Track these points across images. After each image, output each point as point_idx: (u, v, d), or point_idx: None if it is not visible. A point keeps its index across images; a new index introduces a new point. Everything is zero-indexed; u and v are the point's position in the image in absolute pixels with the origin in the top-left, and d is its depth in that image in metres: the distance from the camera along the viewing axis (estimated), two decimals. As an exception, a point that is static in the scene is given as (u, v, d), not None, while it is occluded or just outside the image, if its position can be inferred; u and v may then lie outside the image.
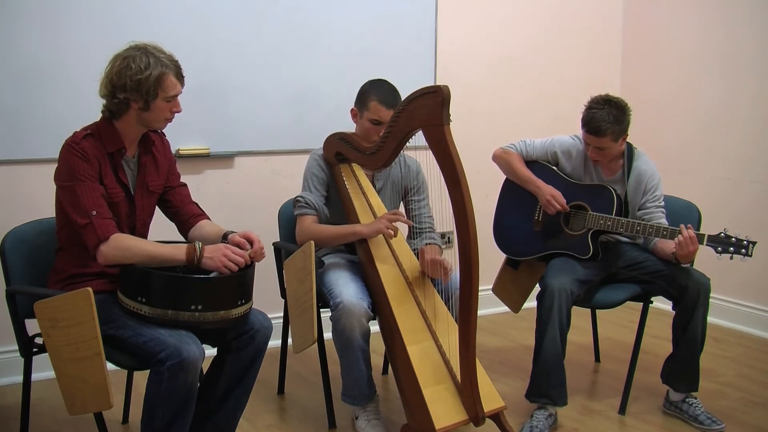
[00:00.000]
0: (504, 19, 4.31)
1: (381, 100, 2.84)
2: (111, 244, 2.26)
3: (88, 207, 2.27)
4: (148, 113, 2.35)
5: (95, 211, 2.27)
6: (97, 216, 2.27)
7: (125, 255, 2.27)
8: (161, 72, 2.30)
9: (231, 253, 2.33)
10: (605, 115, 2.92)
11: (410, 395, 2.55)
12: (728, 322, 4.16)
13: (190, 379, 2.21)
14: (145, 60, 2.29)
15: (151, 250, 2.30)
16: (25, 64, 3.17)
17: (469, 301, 2.39)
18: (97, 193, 2.29)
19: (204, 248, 2.32)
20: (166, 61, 2.33)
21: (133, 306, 2.27)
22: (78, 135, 2.33)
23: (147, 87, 2.29)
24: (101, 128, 2.38)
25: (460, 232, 2.34)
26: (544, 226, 3.17)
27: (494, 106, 4.31)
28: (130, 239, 2.32)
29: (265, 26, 3.63)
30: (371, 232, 2.77)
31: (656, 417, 3.06)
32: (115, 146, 2.37)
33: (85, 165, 2.29)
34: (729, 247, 2.74)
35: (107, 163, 2.36)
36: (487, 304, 3.51)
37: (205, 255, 2.31)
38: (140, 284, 2.27)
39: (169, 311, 2.24)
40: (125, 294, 2.30)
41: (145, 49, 2.33)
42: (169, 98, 2.35)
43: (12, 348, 2.69)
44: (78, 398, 2.19)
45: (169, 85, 2.33)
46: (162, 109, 2.36)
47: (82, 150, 2.29)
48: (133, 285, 2.28)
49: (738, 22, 4.09)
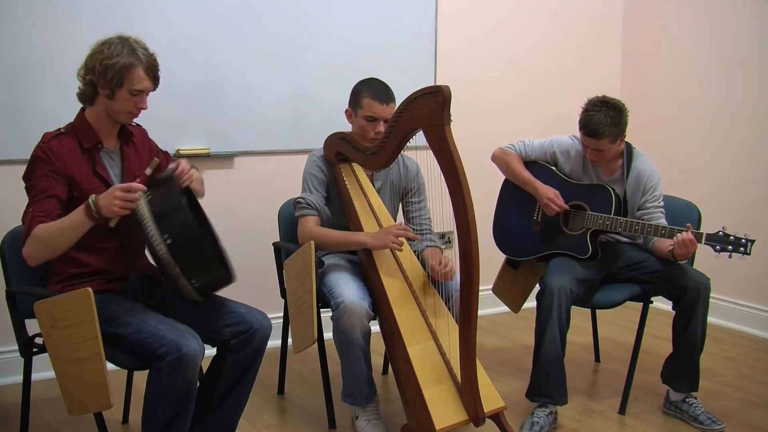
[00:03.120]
0: (504, 19, 4.31)
1: (373, 96, 2.84)
2: (29, 239, 2.23)
3: (29, 206, 2.29)
4: (113, 102, 2.35)
5: (32, 208, 2.28)
6: (30, 213, 2.27)
7: (40, 245, 2.22)
8: (130, 62, 2.30)
9: (121, 192, 2.20)
10: (602, 117, 2.92)
11: (410, 395, 2.55)
12: (728, 322, 4.16)
13: (190, 375, 2.21)
14: (119, 48, 2.31)
15: (56, 225, 2.23)
16: (24, 64, 3.17)
17: (470, 301, 2.39)
18: (45, 192, 2.29)
19: (98, 199, 2.22)
20: (141, 55, 2.33)
21: (155, 239, 2.22)
22: (47, 135, 2.35)
23: (112, 74, 2.29)
24: (77, 125, 2.40)
25: (461, 233, 2.34)
26: (543, 227, 3.17)
27: (494, 106, 4.31)
28: (42, 226, 2.23)
29: (265, 26, 3.63)
30: (377, 246, 2.74)
31: (656, 417, 3.06)
32: (91, 141, 2.38)
33: (44, 165, 2.29)
34: (728, 246, 2.74)
35: (82, 159, 2.36)
36: (487, 304, 3.51)
37: (100, 205, 2.21)
38: (187, 238, 2.25)
39: (178, 269, 2.22)
40: (154, 221, 2.24)
41: (126, 40, 2.35)
42: (134, 91, 2.34)
43: (12, 348, 2.69)
44: (78, 398, 2.19)
45: (135, 78, 2.32)
46: (126, 100, 2.35)
47: (48, 150, 2.30)
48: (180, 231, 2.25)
49: (738, 22, 4.09)
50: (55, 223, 2.25)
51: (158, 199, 2.26)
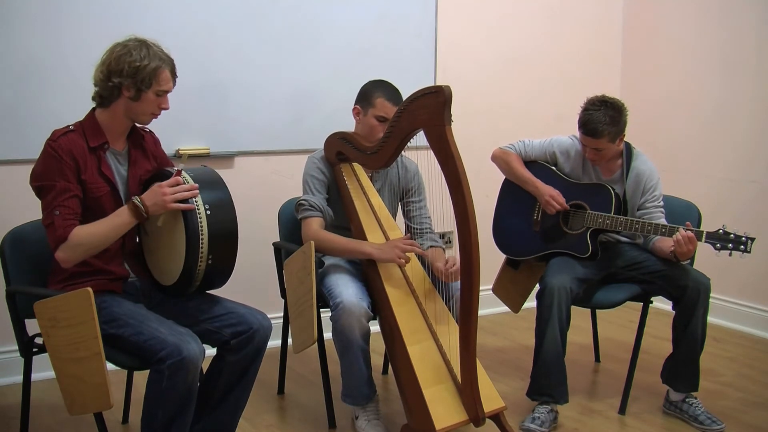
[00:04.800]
0: (504, 19, 4.31)
1: (387, 97, 2.85)
2: (68, 244, 2.26)
3: (52, 207, 2.28)
4: (137, 104, 2.37)
5: (58, 211, 2.28)
6: (59, 216, 2.28)
7: (82, 250, 2.25)
8: (158, 65, 2.35)
9: (169, 189, 2.31)
10: (601, 116, 2.93)
11: (410, 395, 2.55)
12: (728, 322, 4.16)
13: (191, 378, 2.21)
14: (144, 51, 2.35)
15: (100, 230, 2.29)
16: (26, 64, 3.17)
17: (470, 301, 2.39)
18: (66, 193, 2.29)
19: (143, 199, 2.32)
20: (163, 56, 2.38)
21: (197, 203, 2.32)
22: (56, 133, 2.35)
23: (143, 76, 2.32)
24: (85, 124, 2.40)
25: (461, 233, 2.34)
26: (543, 226, 3.17)
27: (494, 106, 4.31)
28: (81, 230, 2.28)
29: (265, 26, 3.63)
30: (383, 259, 2.72)
31: (656, 417, 3.06)
32: (97, 141, 2.38)
33: (57, 164, 2.29)
34: (728, 244, 2.74)
35: (89, 158, 2.36)
36: (487, 304, 3.50)
37: (148, 204, 2.31)
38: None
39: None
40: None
41: (145, 42, 2.38)
42: (160, 92, 2.38)
43: (12, 348, 2.69)
44: (78, 398, 2.19)
45: (163, 80, 2.37)
46: (151, 102, 2.38)
47: (58, 148, 2.30)
48: (220, 203, 2.37)
49: (738, 22, 4.09)
50: (97, 228, 2.30)
51: (216, 217, 2.37)
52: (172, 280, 2.41)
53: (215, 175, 2.49)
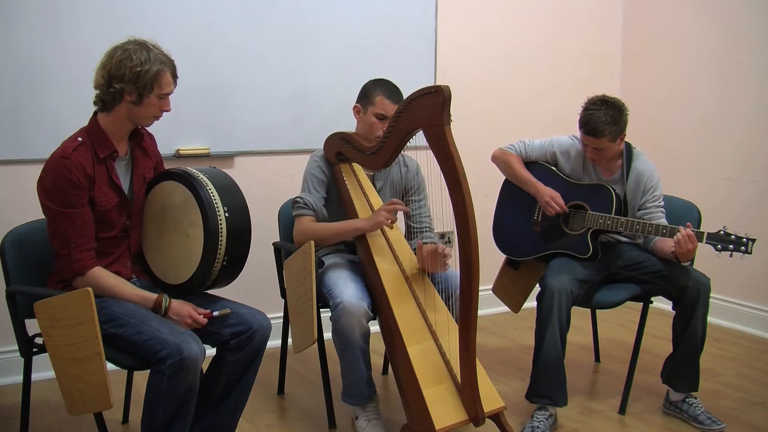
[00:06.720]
0: (504, 19, 4.31)
1: (387, 95, 2.86)
2: (84, 279, 2.31)
3: (69, 238, 2.29)
4: (139, 108, 2.36)
5: (75, 243, 2.29)
6: (76, 248, 2.29)
7: (93, 289, 2.26)
8: (159, 69, 2.34)
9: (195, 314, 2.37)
10: (602, 115, 2.92)
11: (410, 395, 2.55)
12: (728, 322, 4.15)
13: (191, 378, 2.21)
14: (145, 54, 2.33)
15: (115, 290, 2.35)
16: (26, 64, 3.17)
17: (470, 302, 2.39)
18: (82, 221, 2.30)
19: (170, 305, 2.36)
20: (164, 58, 2.37)
21: (217, 206, 2.36)
22: (68, 148, 2.31)
23: (144, 81, 2.31)
24: (91, 133, 2.37)
25: (461, 233, 2.34)
26: (543, 227, 3.17)
27: (494, 106, 4.31)
28: (99, 278, 2.34)
29: (266, 26, 3.63)
30: (371, 227, 2.77)
31: (656, 417, 3.06)
32: (106, 150, 2.37)
33: (71, 186, 2.27)
34: (728, 245, 2.74)
35: (98, 170, 2.35)
36: (487, 304, 3.51)
37: (171, 314, 2.35)
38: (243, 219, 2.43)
39: (221, 245, 2.37)
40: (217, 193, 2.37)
41: (144, 44, 2.36)
42: (162, 95, 2.37)
43: (12, 348, 2.69)
44: (78, 398, 2.19)
45: (164, 83, 2.36)
46: (153, 105, 2.37)
47: (72, 167, 2.27)
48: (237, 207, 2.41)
49: (738, 22, 4.09)
50: (117, 287, 2.36)
51: (234, 218, 2.41)
52: (181, 279, 2.42)
53: (229, 177, 2.52)
